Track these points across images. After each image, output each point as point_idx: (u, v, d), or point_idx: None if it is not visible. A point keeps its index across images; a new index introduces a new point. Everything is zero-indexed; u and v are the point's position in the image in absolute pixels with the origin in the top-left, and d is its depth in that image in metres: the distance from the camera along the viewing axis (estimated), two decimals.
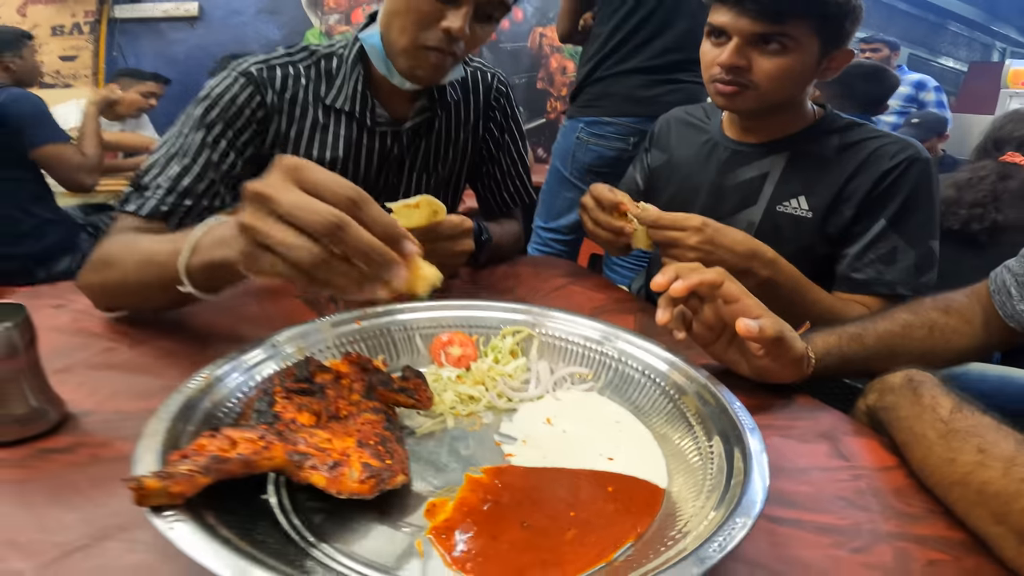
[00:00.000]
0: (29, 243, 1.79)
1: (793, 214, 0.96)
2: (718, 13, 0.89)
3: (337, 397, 0.48)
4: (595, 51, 1.88)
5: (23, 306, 0.48)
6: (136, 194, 0.81)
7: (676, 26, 1.82)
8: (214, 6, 3.32)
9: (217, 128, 0.85)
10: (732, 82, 0.90)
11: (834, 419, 0.64)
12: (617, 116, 1.86)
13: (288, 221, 0.40)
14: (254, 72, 0.89)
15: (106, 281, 0.69)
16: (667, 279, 0.62)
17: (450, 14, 0.80)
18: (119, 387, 0.58)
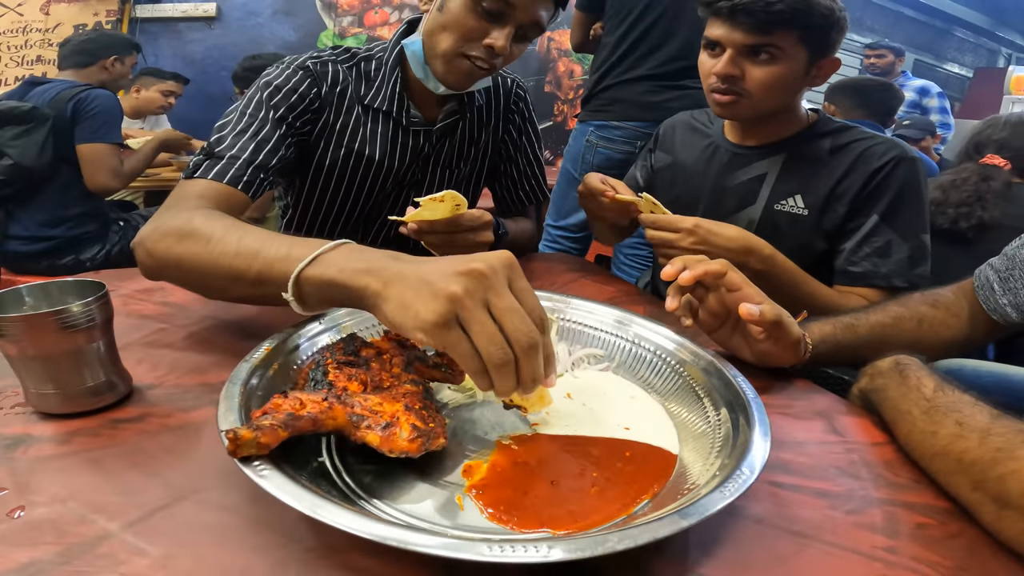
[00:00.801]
0: (66, 227, 1.89)
1: (790, 212, 1.03)
2: (713, 26, 0.97)
3: (380, 370, 0.53)
4: (604, 59, 1.95)
5: (103, 284, 0.53)
6: (211, 162, 0.81)
7: (680, 35, 1.88)
8: (231, 7, 3.39)
9: (282, 111, 0.91)
10: (728, 91, 0.97)
11: (829, 400, 0.69)
12: (625, 121, 1.93)
13: (495, 317, 0.44)
14: (310, 66, 0.96)
15: (188, 253, 0.64)
16: (675, 269, 0.68)
17: (494, 32, 0.88)
18: (175, 363, 0.63)
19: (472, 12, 0.87)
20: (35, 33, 3.33)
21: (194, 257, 0.63)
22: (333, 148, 1.00)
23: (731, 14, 0.92)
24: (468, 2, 0.87)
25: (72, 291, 0.55)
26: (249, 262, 0.58)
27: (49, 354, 0.51)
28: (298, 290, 0.54)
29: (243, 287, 0.60)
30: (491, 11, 0.87)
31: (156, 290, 0.82)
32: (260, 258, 0.57)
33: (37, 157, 1.76)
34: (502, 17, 0.88)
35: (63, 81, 1.92)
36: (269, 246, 0.58)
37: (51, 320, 0.49)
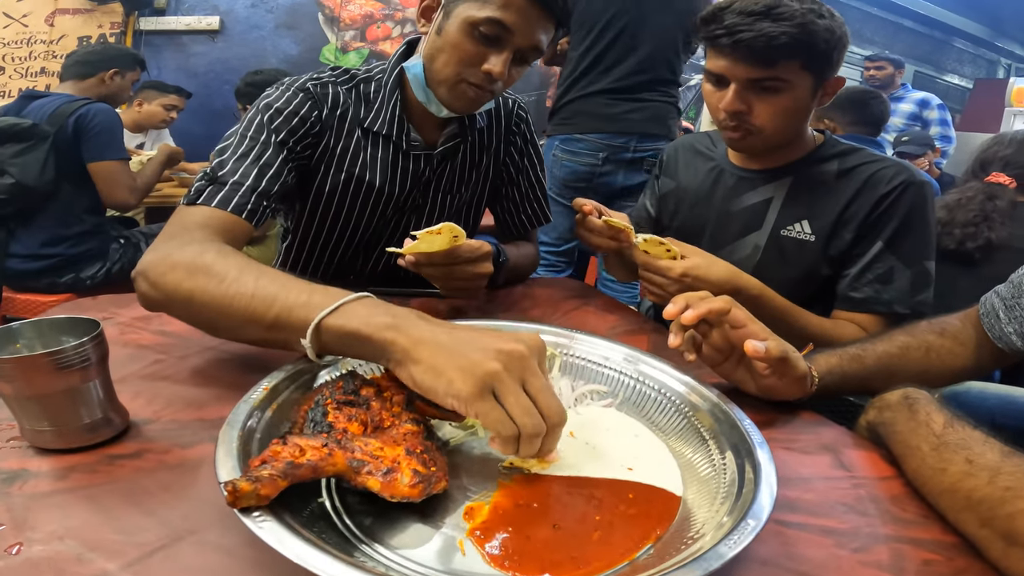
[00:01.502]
0: (67, 245, 1.88)
1: (797, 238, 1.01)
2: (715, 60, 0.94)
3: (380, 409, 0.53)
4: (568, 73, 2.00)
5: (98, 322, 0.53)
6: (214, 188, 0.79)
7: (640, 51, 1.93)
8: (235, 20, 3.41)
9: (283, 135, 0.89)
10: (738, 127, 0.96)
11: (836, 433, 0.68)
12: (587, 133, 1.97)
13: (530, 394, 0.49)
14: (311, 88, 0.94)
15: (199, 290, 0.62)
16: (678, 308, 0.67)
17: (492, 57, 0.87)
18: (172, 397, 0.63)
19: (469, 37, 0.86)
20: (39, 45, 3.33)
21: (207, 295, 0.62)
22: (333, 173, 0.98)
23: (733, 48, 0.90)
24: (465, 27, 0.86)
25: (66, 328, 0.55)
26: (268, 305, 0.58)
27: (44, 393, 0.50)
28: (317, 338, 0.54)
29: (257, 330, 0.59)
30: (488, 36, 0.86)
31: (154, 318, 0.81)
32: (279, 303, 0.57)
33: (39, 175, 1.75)
34: (499, 42, 0.87)
35: (61, 95, 1.91)
36: (288, 291, 0.58)
37: (45, 361, 0.48)
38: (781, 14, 0.87)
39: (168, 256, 0.66)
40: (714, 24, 0.92)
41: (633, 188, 2.02)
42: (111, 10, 3.27)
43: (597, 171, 1.99)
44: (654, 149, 2.00)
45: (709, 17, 0.93)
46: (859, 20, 5.53)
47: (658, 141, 2.02)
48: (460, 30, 0.87)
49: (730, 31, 0.89)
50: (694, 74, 3.82)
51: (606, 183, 2.02)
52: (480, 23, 0.85)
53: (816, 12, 0.89)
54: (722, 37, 0.90)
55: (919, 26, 5.99)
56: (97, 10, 3.28)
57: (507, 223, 1.20)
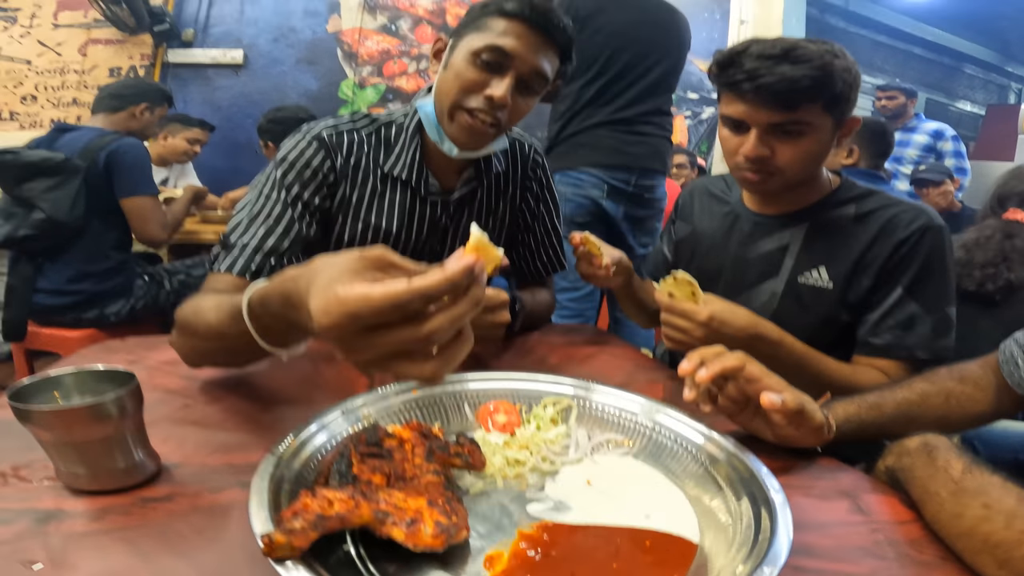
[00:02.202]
0: (92, 282, 1.90)
1: (814, 285, 1.00)
2: (733, 105, 0.93)
3: (403, 460, 0.54)
4: (566, 108, 2.00)
5: (133, 374, 0.55)
6: (225, 253, 0.88)
7: (640, 83, 1.96)
8: (258, 54, 3.50)
9: (295, 189, 0.92)
10: (759, 170, 0.94)
11: (854, 478, 0.69)
12: (589, 167, 1.96)
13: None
14: (325, 137, 0.96)
15: (187, 344, 0.75)
16: (692, 366, 0.68)
17: (493, 82, 0.89)
18: (200, 442, 0.65)
19: (472, 65, 0.89)
20: (72, 75, 3.42)
21: (194, 342, 0.73)
22: (351, 222, 1.00)
23: (755, 93, 0.88)
24: (468, 56, 0.89)
25: (102, 377, 0.57)
26: (219, 315, 0.65)
27: (81, 441, 0.53)
28: (251, 314, 0.58)
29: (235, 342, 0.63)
30: (490, 62, 0.88)
31: (180, 362, 0.83)
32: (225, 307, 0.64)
33: (69, 211, 1.77)
34: (501, 68, 0.89)
35: (92, 129, 1.94)
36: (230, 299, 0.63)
37: (84, 412, 0.51)
38: (800, 56, 0.87)
39: (176, 326, 0.77)
40: (733, 69, 0.91)
41: (636, 220, 2.03)
42: (141, 41, 3.37)
43: (602, 204, 1.98)
44: (651, 185, 2.01)
45: (726, 62, 0.92)
46: (869, 49, 5.58)
47: (655, 176, 2.03)
48: (463, 60, 0.90)
49: (751, 76, 0.88)
50: (705, 107, 3.84)
51: (610, 217, 2.02)
52: (481, 51, 0.88)
53: (831, 52, 0.89)
54: (743, 83, 0.89)
55: (929, 53, 6.02)
56: (128, 41, 3.37)
57: (523, 269, 1.19)
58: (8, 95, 3.42)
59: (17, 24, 3.44)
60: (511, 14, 0.89)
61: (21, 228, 1.78)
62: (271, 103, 3.46)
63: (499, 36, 0.88)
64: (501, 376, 0.76)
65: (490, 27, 0.89)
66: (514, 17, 0.88)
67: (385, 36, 3.61)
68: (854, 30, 5.41)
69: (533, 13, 0.88)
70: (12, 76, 3.43)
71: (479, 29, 0.90)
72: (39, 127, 3.38)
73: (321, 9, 3.56)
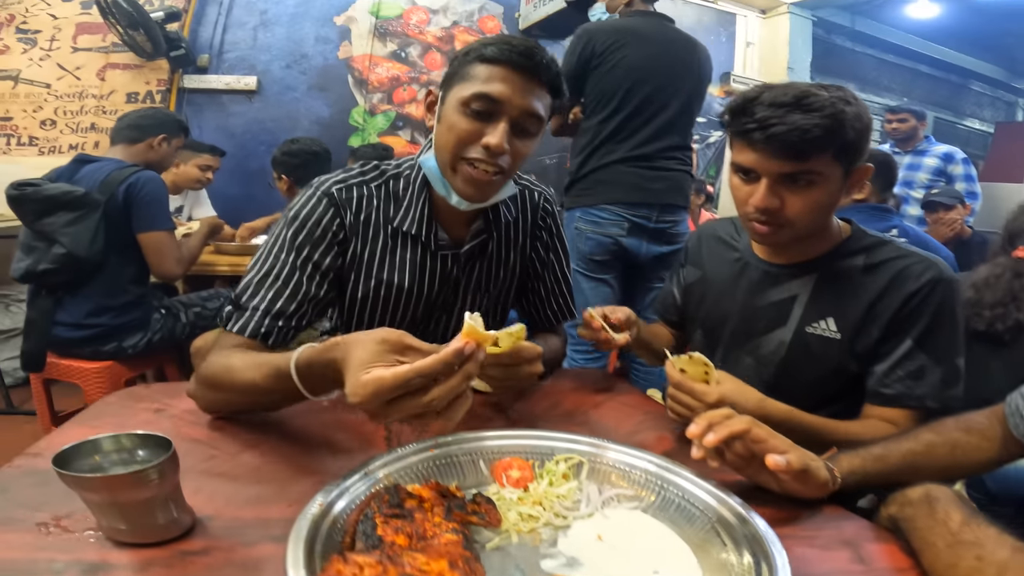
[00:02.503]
0: (111, 315, 1.91)
1: (822, 335, 0.99)
2: (744, 153, 0.93)
3: (423, 520, 0.57)
4: (586, 143, 2.00)
5: (171, 441, 0.59)
6: (237, 313, 0.90)
7: (659, 118, 1.95)
8: (271, 81, 3.56)
9: (305, 251, 0.93)
10: (768, 222, 0.94)
11: (857, 527, 0.71)
12: (609, 203, 1.95)
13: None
14: (334, 193, 0.97)
15: (220, 399, 0.84)
16: (700, 429, 0.71)
17: (487, 130, 0.89)
18: (230, 495, 0.68)
19: (464, 115, 0.89)
20: (90, 99, 3.44)
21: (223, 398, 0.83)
22: (363, 279, 1.00)
23: (766, 142, 0.88)
24: (458, 107, 0.89)
25: (141, 442, 0.61)
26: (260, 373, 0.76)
27: (124, 502, 0.56)
28: (299, 374, 0.71)
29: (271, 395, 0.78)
30: (480, 111, 0.88)
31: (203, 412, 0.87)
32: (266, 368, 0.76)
33: (89, 246, 1.79)
34: (492, 115, 0.88)
35: (112, 161, 1.95)
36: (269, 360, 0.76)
37: (128, 479, 0.55)
38: (811, 105, 0.86)
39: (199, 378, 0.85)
40: (744, 117, 0.90)
41: (657, 257, 2.01)
42: (158, 67, 3.41)
43: (622, 242, 1.97)
44: (673, 220, 2.00)
45: (738, 109, 0.92)
46: (875, 68, 5.60)
47: (677, 212, 2.02)
48: (454, 111, 0.90)
49: (762, 125, 0.87)
50: (713, 131, 3.86)
51: (630, 254, 2.00)
52: (470, 100, 0.88)
53: (843, 99, 0.88)
54: (754, 131, 0.88)
55: (936, 71, 6.03)
56: (145, 66, 3.41)
57: (532, 317, 1.20)
58: (28, 119, 3.45)
59: (37, 47, 3.48)
60: (492, 59, 0.89)
61: (41, 263, 1.80)
62: (284, 130, 3.52)
63: (484, 83, 0.88)
64: (515, 434, 0.79)
65: (475, 75, 0.89)
66: (496, 62, 0.88)
67: (395, 63, 3.68)
68: (860, 49, 5.44)
69: (514, 55, 0.88)
70: (32, 100, 3.46)
71: (464, 78, 0.90)
72: (57, 153, 3.41)
73: (332, 36, 3.63)
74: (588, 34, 1.98)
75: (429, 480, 0.64)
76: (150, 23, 3.11)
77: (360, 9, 3.66)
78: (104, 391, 1.92)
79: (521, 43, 0.90)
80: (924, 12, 4.77)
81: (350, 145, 3.45)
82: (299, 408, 0.90)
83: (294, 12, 3.61)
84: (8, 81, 3.47)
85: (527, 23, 3.83)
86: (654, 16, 2.08)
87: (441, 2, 3.79)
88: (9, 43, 3.50)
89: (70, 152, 3.37)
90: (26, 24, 3.51)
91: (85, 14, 3.48)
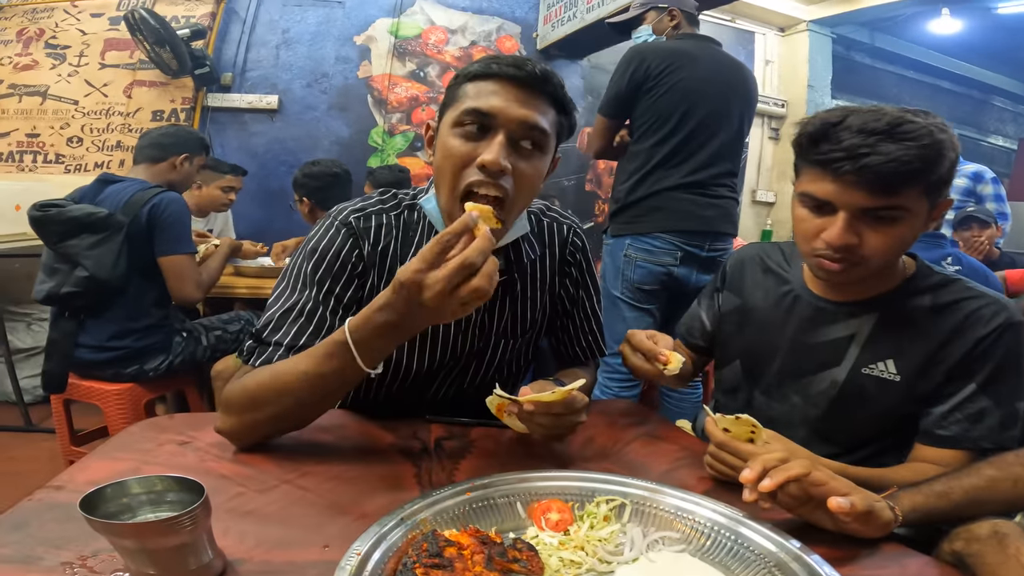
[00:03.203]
0: (134, 339, 1.91)
1: (880, 377, 0.93)
2: (820, 183, 0.83)
3: (464, 570, 0.55)
4: (636, 168, 1.94)
5: (203, 487, 0.56)
6: (260, 348, 0.89)
7: (712, 143, 1.91)
8: (292, 100, 3.59)
9: (327, 284, 0.91)
10: (841, 260, 0.86)
11: (920, 564, 0.69)
12: (663, 232, 1.90)
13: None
14: (353, 223, 0.94)
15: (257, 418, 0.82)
16: (754, 475, 0.66)
17: (481, 147, 0.82)
18: (260, 536, 0.65)
19: (458, 137, 0.84)
20: (117, 117, 3.46)
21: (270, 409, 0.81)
22: None
23: (857, 174, 0.79)
24: (453, 129, 0.84)
25: (172, 485, 0.59)
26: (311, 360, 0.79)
27: (154, 549, 0.54)
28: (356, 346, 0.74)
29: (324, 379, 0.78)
30: (473, 130, 0.83)
31: (228, 445, 0.85)
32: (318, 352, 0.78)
33: (112, 269, 1.79)
34: (486, 130, 0.83)
35: (135, 181, 1.95)
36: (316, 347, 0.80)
37: (160, 526, 0.52)
38: (908, 133, 0.78)
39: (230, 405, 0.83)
40: (827, 144, 0.81)
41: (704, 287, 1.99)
42: (183, 85, 3.43)
43: (673, 272, 1.92)
44: (723, 249, 1.96)
45: (819, 135, 0.83)
46: (895, 85, 5.55)
47: (727, 240, 1.99)
48: (449, 136, 0.84)
49: (851, 154, 0.78)
50: None
51: (680, 283, 1.95)
52: (460, 119, 0.83)
53: (939, 127, 0.80)
54: (841, 162, 0.79)
55: (957, 87, 5.97)
56: (171, 84, 3.44)
57: (562, 353, 1.15)
58: (55, 136, 3.48)
59: (66, 62, 3.53)
60: (480, 75, 0.84)
61: (64, 285, 1.80)
62: (304, 150, 3.53)
63: (474, 99, 0.83)
64: (552, 474, 0.76)
65: (464, 95, 0.85)
66: (483, 77, 0.84)
67: (413, 83, 3.70)
68: (881, 66, 5.40)
69: (503, 66, 0.83)
70: (59, 117, 3.49)
71: (455, 101, 0.86)
72: (83, 171, 3.42)
73: (352, 55, 3.67)
74: (641, 55, 1.94)
75: (467, 525, 0.62)
76: (176, 40, 3.14)
77: (380, 29, 3.69)
78: (124, 412, 1.92)
79: (510, 56, 0.85)
80: (945, 28, 4.71)
81: (368, 166, 3.46)
82: (326, 443, 0.90)
83: (315, 31, 3.64)
84: (36, 97, 3.52)
85: (545, 43, 3.84)
86: (703, 39, 2.06)
87: (459, 22, 3.82)
88: (38, 58, 3.56)
89: (95, 171, 3.39)
90: (55, 39, 3.56)
91: (113, 30, 3.52)
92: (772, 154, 4.83)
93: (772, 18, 4.59)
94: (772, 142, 4.80)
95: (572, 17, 3.44)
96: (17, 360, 2.92)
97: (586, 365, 1.17)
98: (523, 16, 3.94)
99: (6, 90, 3.54)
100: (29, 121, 3.51)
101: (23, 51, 3.58)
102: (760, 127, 4.70)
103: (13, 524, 0.63)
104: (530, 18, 3.94)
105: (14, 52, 3.59)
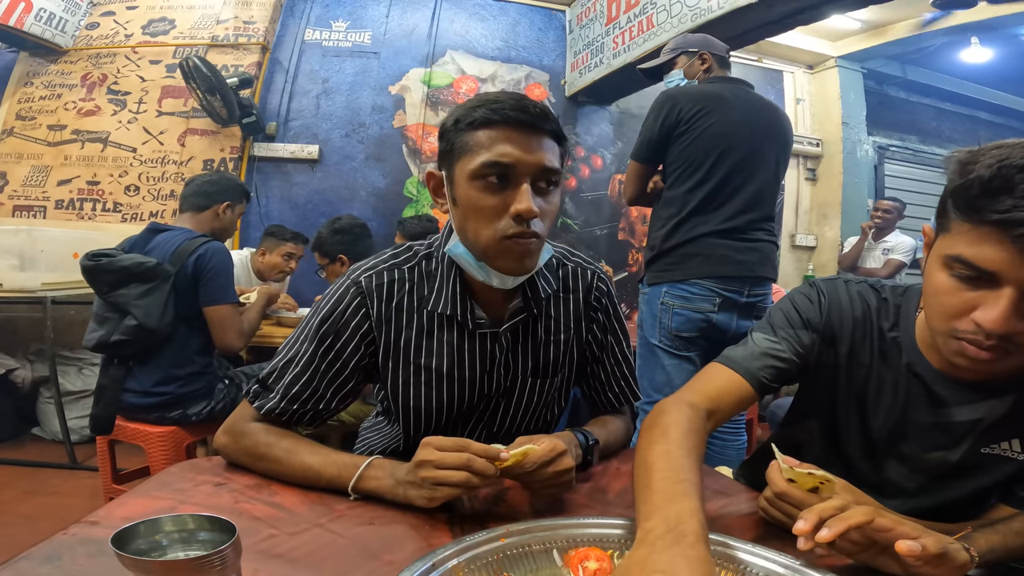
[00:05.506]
0: (178, 385, 1.98)
1: (1001, 455, 0.82)
2: (985, 247, 0.65)
3: None
4: (671, 214, 1.92)
5: (234, 526, 0.58)
6: (263, 392, 0.97)
7: (749, 187, 1.88)
8: (331, 150, 3.72)
9: (328, 341, 0.95)
10: (995, 347, 0.68)
11: None
12: (700, 278, 1.87)
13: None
14: (363, 282, 0.95)
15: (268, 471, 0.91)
16: (810, 527, 0.61)
17: (512, 198, 0.84)
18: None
19: (481, 191, 0.85)
20: (171, 165, 3.59)
21: (271, 473, 0.91)
22: (402, 367, 0.98)
23: None
24: (470, 183, 0.85)
25: (204, 524, 0.60)
26: (315, 480, 0.87)
27: None
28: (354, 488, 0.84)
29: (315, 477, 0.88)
30: (495, 182, 0.84)
31: (264, 487, 0.87)
32: (324, 479, 0.87)
33: (159, 318, 1.87)
34: (509, 179, 0.84)
35: (182, 231, 2.03)
36: (324, 468, 0.87)
37: (190, 565, 0.53)
38: None
39: (233, 443, 0.95)
40: (1007, 197, 0.62)
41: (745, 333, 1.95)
42: (231, 133, 3.56)
43: (712, 318, 1.89)
44: (763, 294, 1.92)
45: (995, 187, 0.63)
46: (934, 118, 5.46)
47: (767, 285, 1.95)
48: (470, 189, 0.85)
49: None
50: None
51: (720, 330, 1.91)
52: (480, 173, 0.84)
53: None
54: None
55: (996, 117, 5.80)
56: (221, 133, 3.57)
57: (594, 401, 1.14)
58: (114, 184, 3.60)
59: (126, 109, 3.65)
60: (486, 122, 0.84)
61: (114, 334, 1.88)
62: (343, 201, 3.63)
63: (489, 151, 0.83)
64: (589, 521, 0.74)
65: (475, 143, 0.84)
66: (491, 124, 0.84)
67: None
68: (915, 99, 5.32)
69: (508, 112, 0.84)
70: (119, 164, 3.61)
71: (465, 150, 0.85)
72: (138, 220, 3.55)
73: (388, 104, 3.81)
74: (672, 100, 1.93)
75: (500, 573, 0.61)
76: (226, 88, 3.29)
77: (413, 78, 3.84)
78: (166, 453, 1.97)
79: (508, 97, 0.86)
80: (976, 56, 4.60)
81: (401, 217, 3.51)
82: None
83: (352, 80, 3.79)
84: (98, 144, 3.63)
85: (573, 89, 3.93)
86: (736, 81, 2.05)
87: (489, 71, 3.95)
88: (100, 103, 3.68)
89: (149, 219, 3.51)
90: (117, 85, 3.68)
91: (169, 77, 3.65)
92: (810, 196, 4.76)
93: (799, 56, 4.61)
94: (809, 183, 4.74)
95: (599, 63, 3.53)
96: (67, 402, 3.03)
97: (620, 412, 1.14)
98: (551, 64, 4.05)
99: (70, 135, 3.66)
100: (90, 168, 3.63)
101: (87, 96, 3.70)
102: (796, 168, 4.66)
103: (45, 556, 0.65)
104: (557, 65, 4.05)
105: (78, 97, 3.71)
